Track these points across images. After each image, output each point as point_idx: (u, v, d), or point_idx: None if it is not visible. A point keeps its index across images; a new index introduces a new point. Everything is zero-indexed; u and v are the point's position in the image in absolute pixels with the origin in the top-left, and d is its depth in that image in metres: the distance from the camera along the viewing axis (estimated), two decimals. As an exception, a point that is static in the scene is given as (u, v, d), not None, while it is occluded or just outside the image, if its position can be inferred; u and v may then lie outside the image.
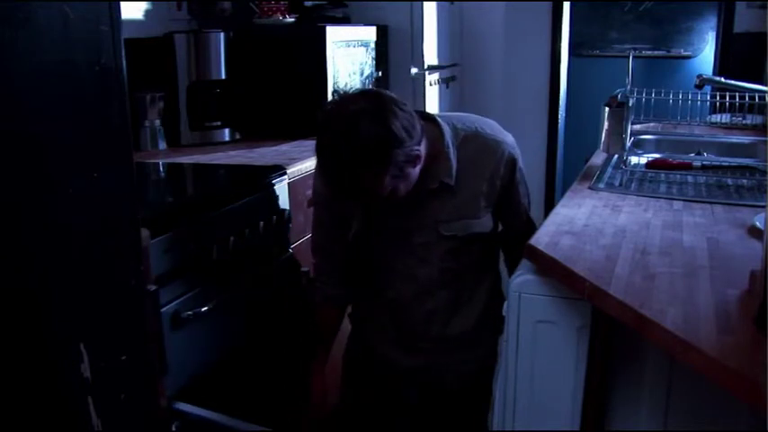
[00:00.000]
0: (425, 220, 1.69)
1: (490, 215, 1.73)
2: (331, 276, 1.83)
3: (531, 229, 1.68)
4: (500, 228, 1.81)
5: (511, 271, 1.61)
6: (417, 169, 1.56)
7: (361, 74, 2.84)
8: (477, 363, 1.83)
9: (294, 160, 2.20)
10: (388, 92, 1.60)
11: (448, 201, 1.67)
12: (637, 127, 2.54)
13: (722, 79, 2.64)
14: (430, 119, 1.68)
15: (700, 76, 2.58)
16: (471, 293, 1.78)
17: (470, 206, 1.69)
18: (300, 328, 2.03)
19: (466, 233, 1.69)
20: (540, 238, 1.42)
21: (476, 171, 1.68)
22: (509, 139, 1.76)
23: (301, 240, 2.21)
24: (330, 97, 2.60)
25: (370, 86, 2.91)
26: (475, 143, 1.70)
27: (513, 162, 1.73)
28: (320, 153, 1.59)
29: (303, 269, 2.16)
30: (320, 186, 1.76)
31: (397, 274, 1.75)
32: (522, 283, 1.38)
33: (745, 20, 3.61)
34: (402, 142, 1.48)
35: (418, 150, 1.53)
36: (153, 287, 1.50)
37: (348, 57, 2.71)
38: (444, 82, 3.43)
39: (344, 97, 1.58)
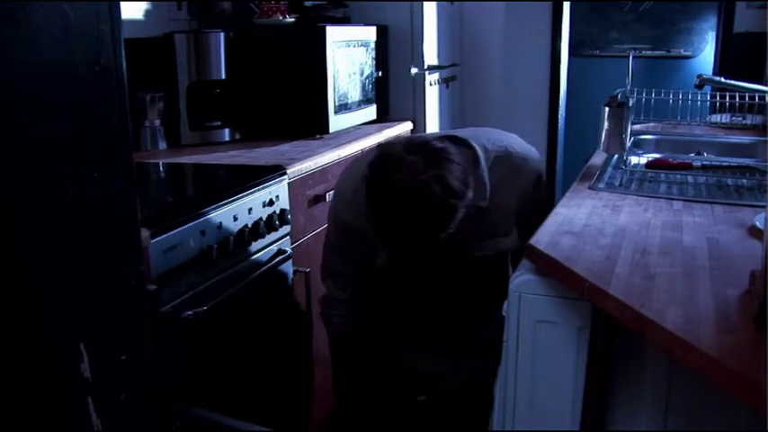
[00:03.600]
0: (457, 242, 1.66)
1: (517, 231, 1.73)
2: (350, 308, 1.79)
3: None
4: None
5: None
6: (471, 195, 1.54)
7: (362, 74, 2.84)
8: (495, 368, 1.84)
9: (294, 160, 2.20)
10: (432, 139, 1.54)
11: (480, 221, 1.66)
12: (637, 127, 2.54)
13: (722, 79, 2.64)
14: (464, 143, 1.65)
15: (700, 76, 2.58)
16: (492, 304, 1.78)
17: (502, 225, 1.70)
18: (300, 328, 2.03)
19: (495, 251, 1.70)
20: (540, 238, 1.42)
21: (507, 190, 1.69)
22: (536, 155, 1.78)
23: (301, 240, 2.21)
24: (331, 97, 2.60)
25: (370, 86, 2.91)
26: (506, 163, 1.69)
27: (539, 178, 1.75)
28: (373, 211, 1.52)
29: (303, 269, 2.17)
30: (349, 216, 1.70)
31: (423, 294, 1.75)
32: (522, 283, 1.38)
33: (745, 20, 3.61)
34: (463, 196, 1.46)
35: (473, 198, 1.52)
36: (153, 287, 1.50)
37: (348, 57, 2.71)
38: (444, 82, 3.43)
39: (393, 158, 1.47)
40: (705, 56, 4.63)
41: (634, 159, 2.11)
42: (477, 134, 1.75)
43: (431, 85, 3.24)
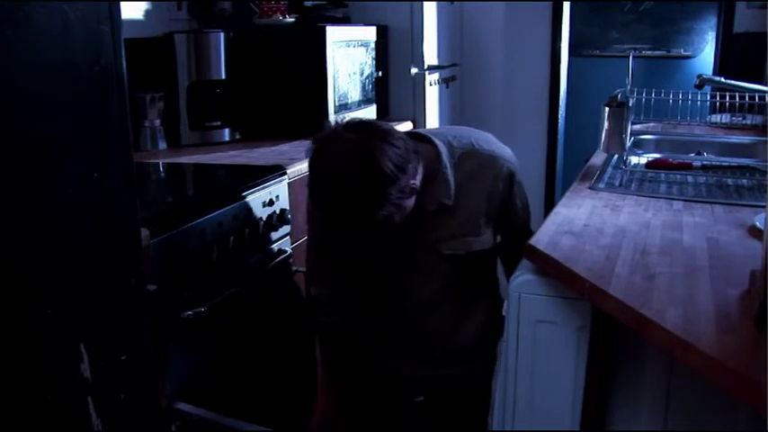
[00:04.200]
0: (425, 240, 1.68)
1: (491, 231, 1.72)
2: (333, 305, 1.79)
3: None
4: (498, 239, 1.80)
5: None
6: (413, 199, 1.55)
7: (361, 74, 2.84)
8: (481, 370, 1.83)
9: (294, 160, 2.20)
10: (380, 123, 1.56)
11: (447, 220, 1.66)
12: (637, 127, 2.54)
13: (722, 79, 2.64)
14: (425, 139, 1.66)
15: (700, 76, 2.58)
16: (474, 307, 1.77)
17: (470, 224, 1.68)
18: (300, 328, 2.03)
19: (467, 251, 1.68)
20: (540, 238, 1.42)
21: (474, 189, 1.67)
22: (507, 153, 1.74)
23: (301, 240, 2.21)
24: (331, 97, 2.60)
25: (370, 86, 2.91)
26: (472, 160, 1.67)
27: (511, 177, 1.71)
28: (311, 193, 1.55)
29: (303, 269, 2.17)
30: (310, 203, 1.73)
31: (399, 292, 1.74)
32: (522, 283, 1.38)
33: (745, 20, 3.61)
34: (394, 180, 1.45)
35: (413, 183, 1.52)
36: (153, 287, 1.50)
37: (348, 57, 2.71)
38: (444, 82, 3.43)
39: (334, 133, 1.50)
40: (705, 56, 4.63)
41: (634, 159, 2.11)
42: (446, 131, 1.74)
43: (431, 85, 3.24)
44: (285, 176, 2.08)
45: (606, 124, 1.96)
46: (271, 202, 2.00)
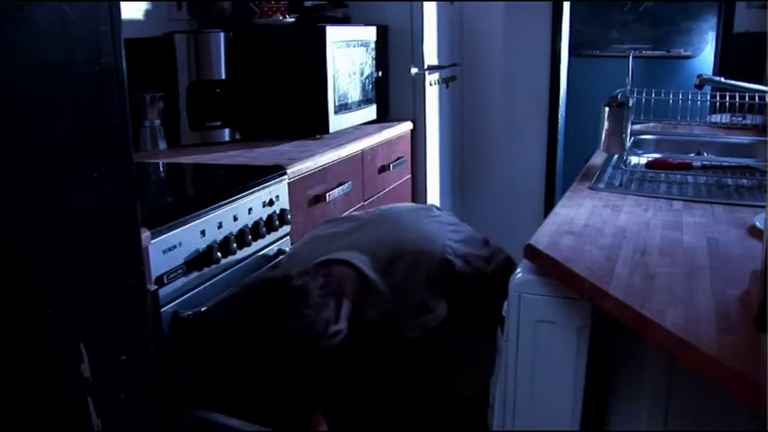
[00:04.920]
0: (382, 334, 1.74)
1: (443, 301, 1.74)
2: None
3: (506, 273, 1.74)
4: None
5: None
6: (342, 330, 1.61)
7: (361, 74, 2.84)
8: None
9: (294, 160, 2.20)
10: (293, 286, 1.60)
11: (395, 317, 1.71)
12: (637, 127, 2.54)
13: (722, 79, 2.64)
14: (342, 262, 1.68)
15: (700, 76, 2.58)
16: (448, 377, 1.84)
17: (419, 309, 1.71)
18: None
19: (425, 329, 1.72)
20: (540, 238, 1.42)
21: (411, 285, 1.70)
22: (433, 242, 1.75)
23: (301, 240, 2.21)
24: (331, 97, 2.60)
25: (370, 86, 2.91)
26: (401, 263, 1.70)
27: (446, 262, 1.73)
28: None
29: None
30: None
31: (373, 375, 1.84)
32: (522, 283, 1.38)
33: (745, 20, 3.61)
34: (312, 343, 1.55)
35: (337, 329, 1.59)
36: (153, 287, 1.50)
37: (348, 57, 2.71)
38: (444, 82, 3.43)
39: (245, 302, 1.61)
40: (705, 56, 4.63)
41: (634, 159, 2.11)
42: (368, 242, 1.74)
43: (431, 85, 3.24)
44: (285, 176, 2.08)
45: (606, 124, 1.96)
46: (271, 202, 2.00)
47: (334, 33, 2.59)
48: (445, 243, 1.75)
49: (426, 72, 3.17)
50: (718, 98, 2.68)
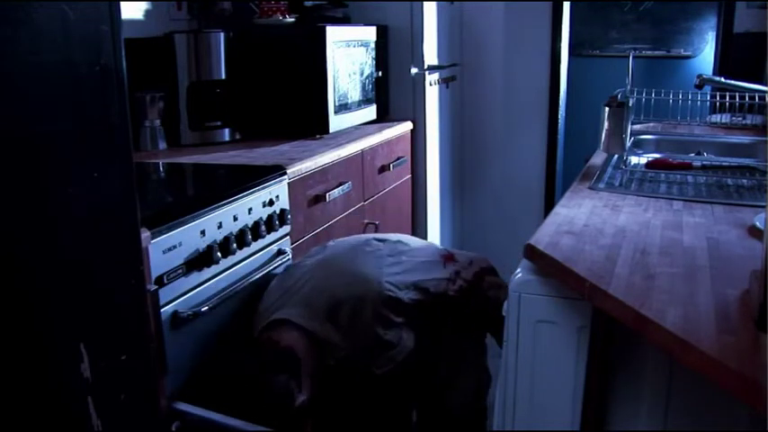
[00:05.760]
0: (350, 375, 1.77)
1: (408, 332, 1.74)
2: None
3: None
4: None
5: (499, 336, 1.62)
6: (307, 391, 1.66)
7: (361, 74, 2.84)
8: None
9: (294, 160, 2.20)
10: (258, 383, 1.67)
11: (355, 360, 1.73)
12: (637, 127, 2.54)
13: (722, 79, 2.64)
14: (285, 322, 1.72)
15: (700, 76, 2.58)
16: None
17: (380, 348, 1.72)
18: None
19: (394, 364, 1.72)
20: (540, 238, 1.42)
21: (359, 329, 1.72)
22: (369, 284, 1.75)
23: (301, 240, 2.21)
24: (331, 97, 2.60)
25: (370, 86, 2.91)
26: (341, 309, 1.72)
27: (388, 299, 1.73)
28: None
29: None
30: None
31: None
32: (522, 283, 1.38)
33: (745, 20, 3.61)
34: (287, 407, 1.64)
35: (302, 399, 1.65)
36: (153, 287, 1.50)
37: (348, 57, 2.71)
38: (444, 82, 3.43)
39: None
40: (705, 56, 4.63)
41: (634, 159, 2.11)
42: (307, 292, 1.76)
43: (431, 85, 3.24)
44: (285, 176, 2.08)
45: (606, 124, 1.96)
46: (271, 202, 2.00)
47: (334, 33, 2.59)
48: (382, 281, 1.75)
49: (426, 72, 3.17)
50: (718, 98, 2.68)
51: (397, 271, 1.79)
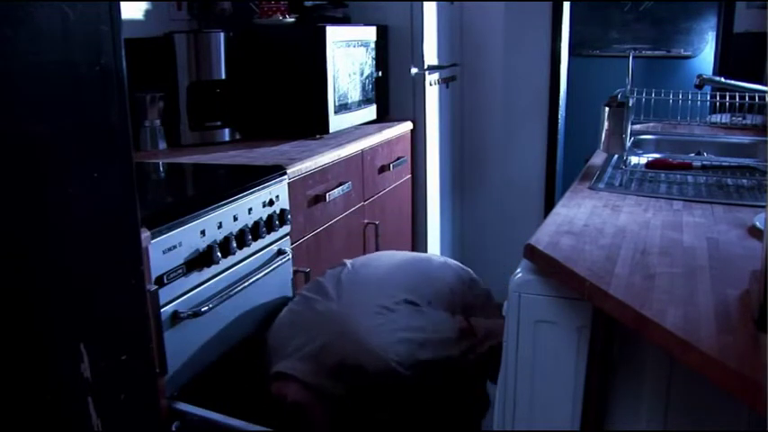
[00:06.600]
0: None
1: (376, 349, 1.74)
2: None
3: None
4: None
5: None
6: None
7: (361, 74, 2.84)
8: None
9: (294, 160, 2.20)
10: None
11: (355, 412, 1.76)
12: (637, 127, 2.54)
13: (722, 79, 2.64)
14: (287, 377, 1.76)
15: (700, 76, 2.58)
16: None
17: (356, 366, 1.73)
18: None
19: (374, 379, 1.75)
20: (540, 238, 1.42)
21: (362, 391, 1.74)
22: (381, 354, 1.73)
23: (301, 240, 2.21)
24: (331, 97, 2.60)
25: (370, 86, 2.91)
26: (348, 373, 1.73)
27: (390, 375, 1.72)
28: None
29: (303, 269, 2.17)
30: None
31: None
32: (522, 283, 1.38)
33: (745, 20, 3.61)
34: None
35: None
36: (153, 287, 1.50)
37: (348, 57, 2.71)
38: (444, 82, 3.43)
39: None
40: (705, 56, 4.63)
41: (634, 159, 2.11)
42: (318, 344, 1.77)
43: (431, 85, 3.24)
44: (285, 176, 2.08)
45: (606, 124, 1.96)
46: (271, 202, 2.00)
47: (334, 33, 2.59)
48: (389, 359, 1.72)
49: (426, 72, 3.17)
50: (718, 98, 2.68)
51: (408, 348, 1.76)
